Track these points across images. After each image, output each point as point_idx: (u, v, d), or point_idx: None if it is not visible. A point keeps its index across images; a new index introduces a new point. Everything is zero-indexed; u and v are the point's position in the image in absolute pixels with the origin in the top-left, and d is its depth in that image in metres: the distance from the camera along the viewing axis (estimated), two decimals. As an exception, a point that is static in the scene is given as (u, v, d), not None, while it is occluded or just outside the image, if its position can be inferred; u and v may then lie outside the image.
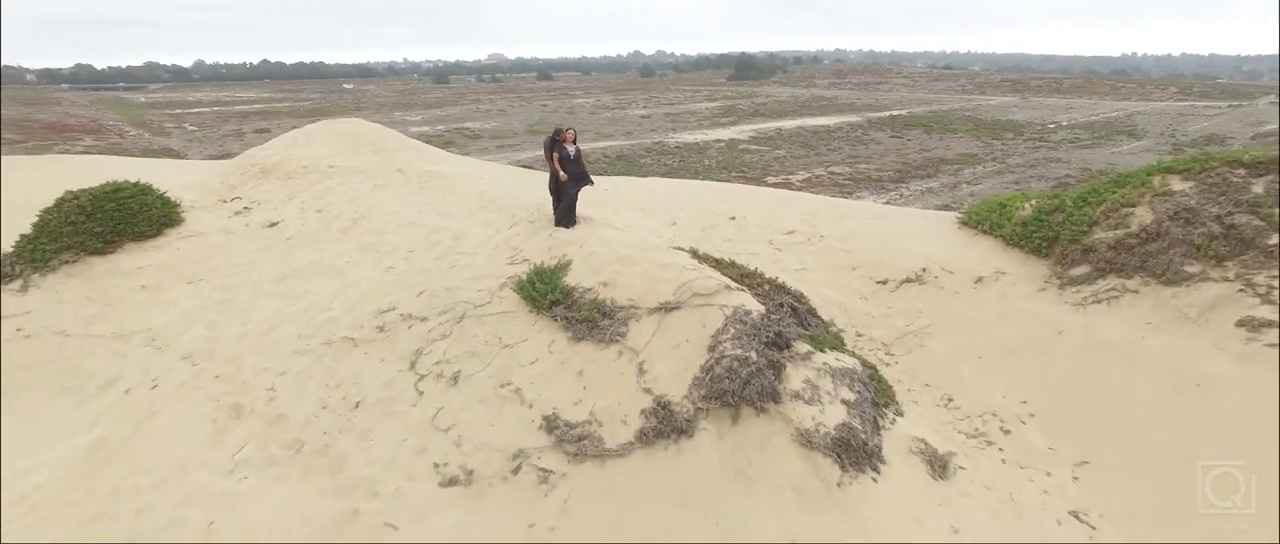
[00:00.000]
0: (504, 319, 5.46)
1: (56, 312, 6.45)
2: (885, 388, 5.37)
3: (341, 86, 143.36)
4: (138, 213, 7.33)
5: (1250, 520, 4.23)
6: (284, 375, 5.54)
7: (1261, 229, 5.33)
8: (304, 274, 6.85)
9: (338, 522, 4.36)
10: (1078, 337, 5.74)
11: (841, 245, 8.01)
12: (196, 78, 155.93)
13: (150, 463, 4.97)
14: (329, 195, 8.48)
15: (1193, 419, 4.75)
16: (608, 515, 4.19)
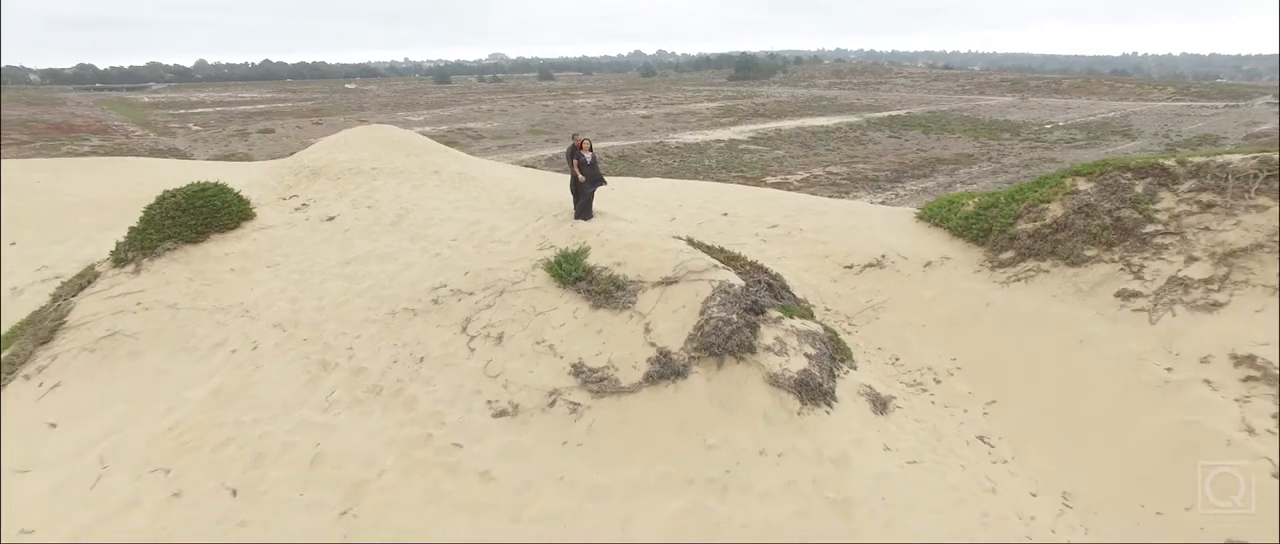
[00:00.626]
0: (536, 293, 6.86)
1: (165, 289, 7.84)
2: (842, 348, 6.76)
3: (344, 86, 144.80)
4: (221, 209, 8.72)
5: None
6: (359, 338, 6.94)
7: (1140, 220, 6.72)
8: (363, 260, 8.24)
9: (416, 442, 5.76)
10: (1000, 308, 7.13)
11: (817, 237, 9.40)
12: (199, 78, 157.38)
13: (261, 403, 6.37)
14: (376, 194, 9.88)
15: (1074, 366, 6.15)
16: (623, 435, 5.59)
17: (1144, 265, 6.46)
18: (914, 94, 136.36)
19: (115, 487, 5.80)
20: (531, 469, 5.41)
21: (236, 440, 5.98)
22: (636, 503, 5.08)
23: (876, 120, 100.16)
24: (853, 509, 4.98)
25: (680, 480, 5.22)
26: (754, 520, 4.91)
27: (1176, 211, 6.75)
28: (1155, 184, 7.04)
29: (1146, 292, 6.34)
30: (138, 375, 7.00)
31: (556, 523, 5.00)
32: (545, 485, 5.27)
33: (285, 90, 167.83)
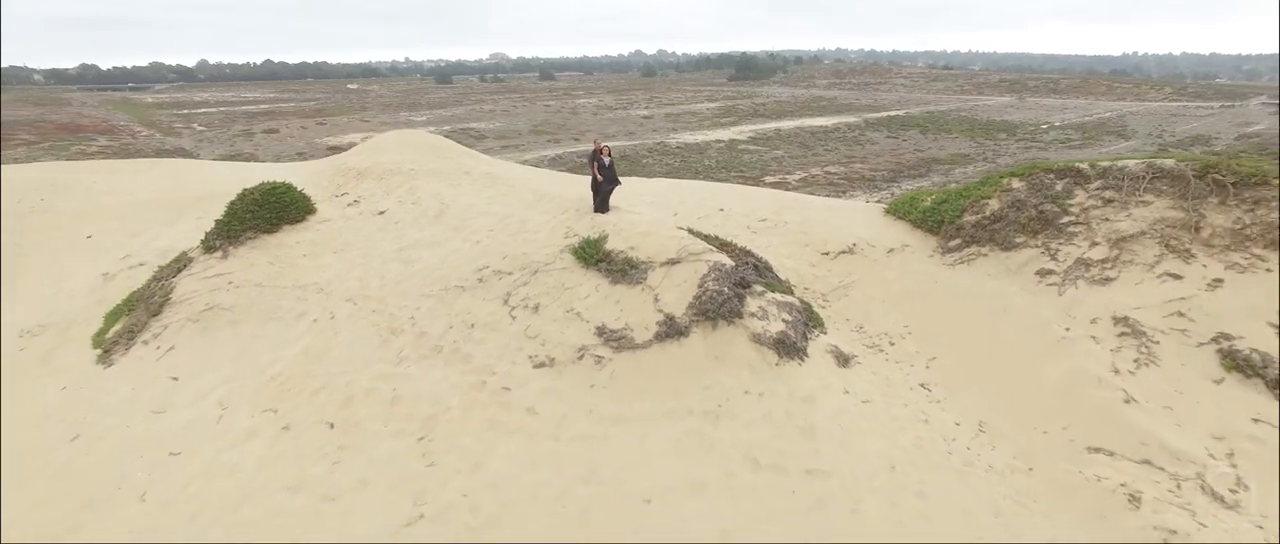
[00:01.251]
0: (564, 272, 8.43)
1: (250, 271, 9.40)
2: (815, 317, 8.33)
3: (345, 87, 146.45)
4: (289, 204, 10.28)
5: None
6: (418, 309, 8.51)
7: (1058, 213, 8.29)
8: (414, 247, 9.81)
9: (473, 387, 7.33)
10: (946, 285, 8.71)
11: (800, 229, 10.98)
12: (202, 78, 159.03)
13: (344, 360, 7.95)
14: (417, 192, 11.43)
15: (997, 330, 7.72)
16: (638, 379, 7.16)
17: (1058, 249, 8.02)
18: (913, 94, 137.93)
19: (235, 423, 7.38)
20: (566, 405, 6.99)
21: (328, 387, 7.56)
22: (649, 427, 6.66)
23: (875, 121, 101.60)
24: (816, 433, 6.55)
25: (682, 412, 6.79)
26: (739, 440, 6.49)
27: (1086, 205, 8.31)
28: (1072, 183, 8.60)
29: (1058, 270, 7.90)
30: (237, 340, 8.58)
31: (588, 442, 6.58)
32: (578, 416, 6.85)
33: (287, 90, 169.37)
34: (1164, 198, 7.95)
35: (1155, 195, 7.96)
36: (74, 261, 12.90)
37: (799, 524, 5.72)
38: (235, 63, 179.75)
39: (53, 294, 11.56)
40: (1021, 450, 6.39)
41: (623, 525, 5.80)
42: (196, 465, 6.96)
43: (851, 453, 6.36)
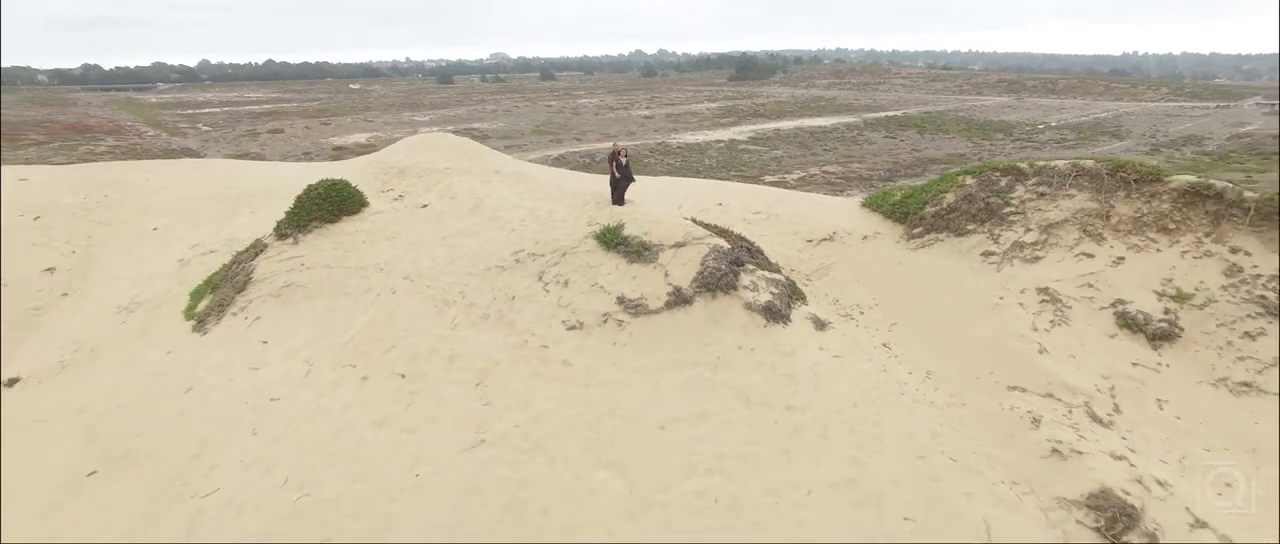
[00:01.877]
0: (589, 254, 10.15)
1: (318, 255, 11.11)
2: (798, 291, 10.04)
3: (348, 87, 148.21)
4: (347, 198, 11.98)
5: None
6: (466, 285, 10.22)
7: (1001, 205, 10.02)
8: (457, 235, 11.52)
9: (518, 345, 9.05)
10: (909, 266, 10.43)
11: (789, 220, 12.71)
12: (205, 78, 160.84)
13: (406, 328, 9.66)
14: (454, 188, 13.14)
15: (947, 300, 9.45)
16: (652, 338, 8.88)
17: (1000, 234, 9.73)
18: (912, 94, 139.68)
19: (321, 376, 9.10)
20: (594, 359, 8.71)
21: (396, 347, 9.28)
22: (661, 375, 8.38)
23: (873, 121, 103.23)
24: (795, 379, 8.27)
25: (688, 363, 8.52)
26: (734, 383, 8.20)
27: (1024, 199, 10.02)
28: (1014, 180, 10.31)
29: (998, 251, 9.62)
30: (313, 312, 10.30)
31: (612, 386, 8.30)
32: (604, 367, 8.57)
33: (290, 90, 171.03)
34: (1084, 192, 9.66)
35: (1078, 190, 9.67)
36: (147, 250, 14.62)
37: (780, 445, 7.44)
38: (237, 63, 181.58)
39: (135, 277, 13.29)
40: (957, 391, 8.12)
41: (642, 446, 7.53)
42: (294, 409, 8.69)
43: (823, 393, 8.08)
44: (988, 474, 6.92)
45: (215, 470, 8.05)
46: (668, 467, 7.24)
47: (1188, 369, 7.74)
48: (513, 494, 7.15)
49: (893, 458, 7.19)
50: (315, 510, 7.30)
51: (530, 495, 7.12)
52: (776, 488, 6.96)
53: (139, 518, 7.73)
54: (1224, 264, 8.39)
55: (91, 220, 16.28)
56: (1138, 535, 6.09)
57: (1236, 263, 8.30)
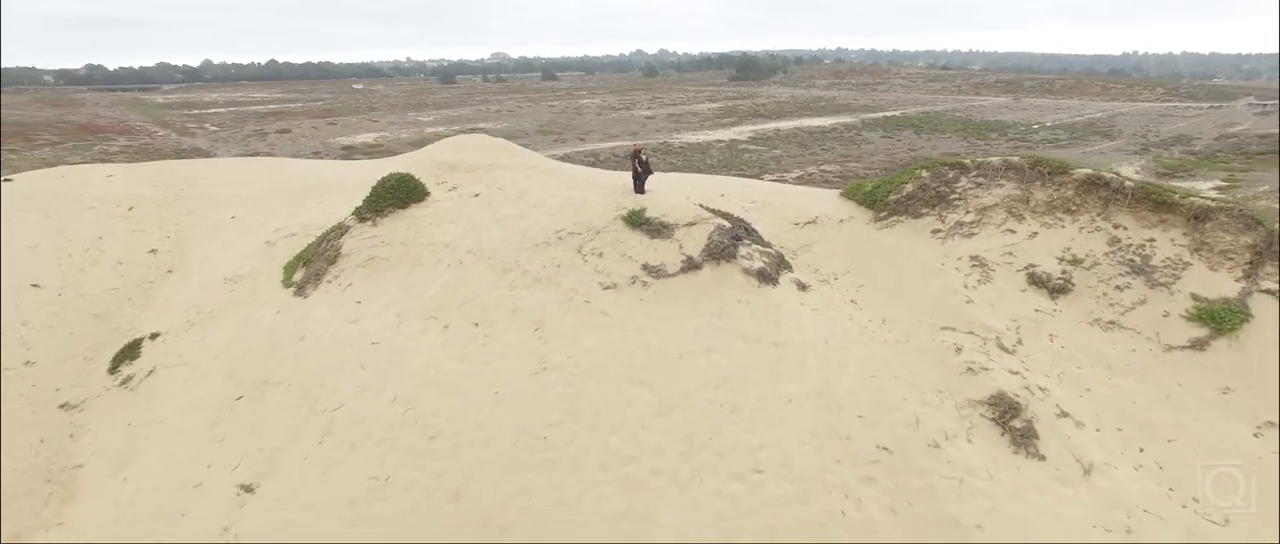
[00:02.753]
0: (618, 232, 12.78)
1: (395, 234, 13.73)
2: (785, 262, 12.67)
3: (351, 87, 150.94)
4: (413, 189, 14.60)
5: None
6: (519, 257, 12.85)
7: (948, 193, 12.68)
8: (507, 218, 14.13)
9: (566, 301, 11.68)
10: (875, 242, 13.08)
11: (780, 208, 15.35)
12: (208, 78, 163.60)
13: (475, 289, 12.29)
14: (499, 181, 15.75)
15: (903, 267, 12.10)
16: (670, 295, 11.52)
17: (946, 216, 12.36)
18: (911, 94, 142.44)
19: (410, 326, 11.73)
20: (626, 310, 11.34)
21: (468, 304, 11.92)
22: (678, 321, 11.01)
23: (872, 121, 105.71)
24: (781, 324, 10.89)
25: (698, 313, 11.15)
26: (733, 327, 10.83)
27: (966, 187, 12.64)
28: (958, 173, 12.94)
29: (944, 229, 12.25)
30: (396, 279, 12.94)
31: (641, 329, 10.92)
32: (634, 316, 11.21)
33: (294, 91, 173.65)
34: (1012, 182, 12.29)
35: (1007, 181, 12.30)
36: (230, 235, 17.26)
37: (769, 369, 10.07)
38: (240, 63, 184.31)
39: (229, 256, 15.93)
40: (904, 332, 10.76)
41: (665, 370, 10.16)
42: (391, 350, 11.32)
43: (802, 334, 10.72)
44: (920, 386, 9.56)
45: (337, 393, 10.69)
46: (684, 383, 9.88)
47: (1074, 313, 10.36)
48: (571, 404, 9.79)
49: (852, 377, 9.83)
50: (420, 418, 9.94)
51: (583, 405, 9.75)
52: (765, 397, 9.60)
53: (286, 427, 10.36)
54: (1108, 236, 10.99)
55: (176, 211, 18.91)
56: (1019, 422, 8.73)
57: (1117, 235, 10.90)
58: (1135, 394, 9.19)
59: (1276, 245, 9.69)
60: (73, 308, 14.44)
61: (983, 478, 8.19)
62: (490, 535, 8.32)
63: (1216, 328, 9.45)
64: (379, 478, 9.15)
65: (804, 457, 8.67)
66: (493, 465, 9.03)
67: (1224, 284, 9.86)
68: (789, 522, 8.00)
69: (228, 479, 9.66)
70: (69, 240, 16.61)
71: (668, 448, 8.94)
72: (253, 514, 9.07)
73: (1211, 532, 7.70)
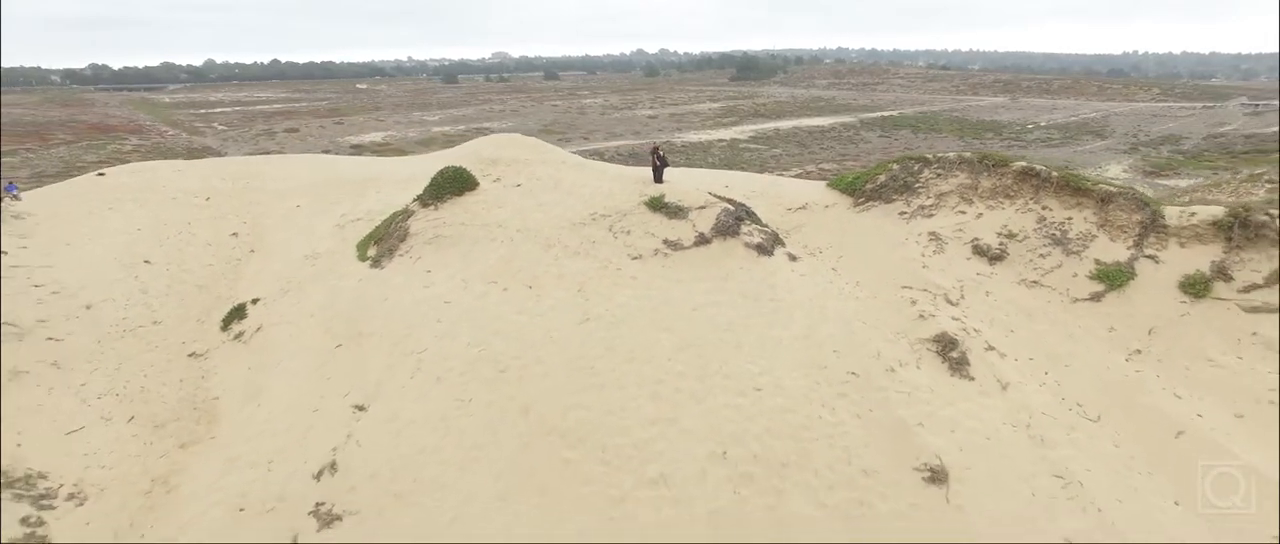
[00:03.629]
0: (641, 214, 15.67)
1: (453, 216, 16.60)
2: (779, 239, 15.57)
3: (355, 86, 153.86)
4: (466, 180, 17.46)
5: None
6: (561, 234, 15.73)
7: (913, 182, 15.57)
8: (547, 204, 16.99)
9: (601, 268, 14.58)
10: (854, 223, 15.99)
11: (776, 197, 18.24)
12: (213, 78, 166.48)
13: (526, 260, 15.18)
14: (536, 173, 18.61)
15: (874, 242, 14.99)
16: (686, 263, 14.42)
17: (911, 201, 15.24)
18: (909, 94, 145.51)
19: (475, 289, 14.62)
20: (650, 275, 14.23)
21: (522, 271, 14.80)
22: (693, 284, 13.90)
23: (870, 120, 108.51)
24: (775, 286, 13.79)
25: (708, 277, 14.03)
26: (735, 287, 13.72)
27: (928, 178, 15.52)
28: (922, 166, 15.82)
29: (909, 211, 15.13)
30: (458, 253, 15.81)
31: (663, 289, 13.81)
32: (656, 279, 14.09)
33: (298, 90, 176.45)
34: (964, 173, 15.17)
35: (960, 172, 15.18)
36: (300, 221, 20.12)
37: (765, 319, 12.94)
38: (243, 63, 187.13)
39: (304, 238, 18.79)
40: (872, 291, 13.66)
41: (683, 319, 13.03)
42: (462, 307, 14.19)
43: (792, 294, 13.60)
44: (882, 330, 12.45)
45: (420, 340, 13.56)
46: (698, 328, 12.76)
47: (1006, 275, 13.24)
48: (609, 345, 12.67)
49: (830, 325, 12.72)
50: (491, 356, 12.81)
51: (619, 345, 12.63)
52: (762, 339, 12.48)
53: (382, 366, 13.22)
54: (1037, 216, 13.84)
55: (245, 201, 21.78)
56: (956, 353, 11.61)
57: (1043, 215, 13.75)
58: (1046, 334, 12.08)
59: (1161, 221, 12.56)
60: (179, 280, 17.32)
61: (925, 392, 11.08)
62: (554, 439, 11.19)
63: (1110, 284, 12.32)
64: (463, 400, 12.02)
65: (792, 380, 11.55)
66: (552, 389, 11.92)
67: (1119, 251, 12.73)
68: (781, 424, 10.87)
69: (342, 403, 12.54)
70: (164, 225, 19.49)
71: (687, 373, 11.83)
72: (366, 426, 11.94)
73: (1089, 428, 10.59)
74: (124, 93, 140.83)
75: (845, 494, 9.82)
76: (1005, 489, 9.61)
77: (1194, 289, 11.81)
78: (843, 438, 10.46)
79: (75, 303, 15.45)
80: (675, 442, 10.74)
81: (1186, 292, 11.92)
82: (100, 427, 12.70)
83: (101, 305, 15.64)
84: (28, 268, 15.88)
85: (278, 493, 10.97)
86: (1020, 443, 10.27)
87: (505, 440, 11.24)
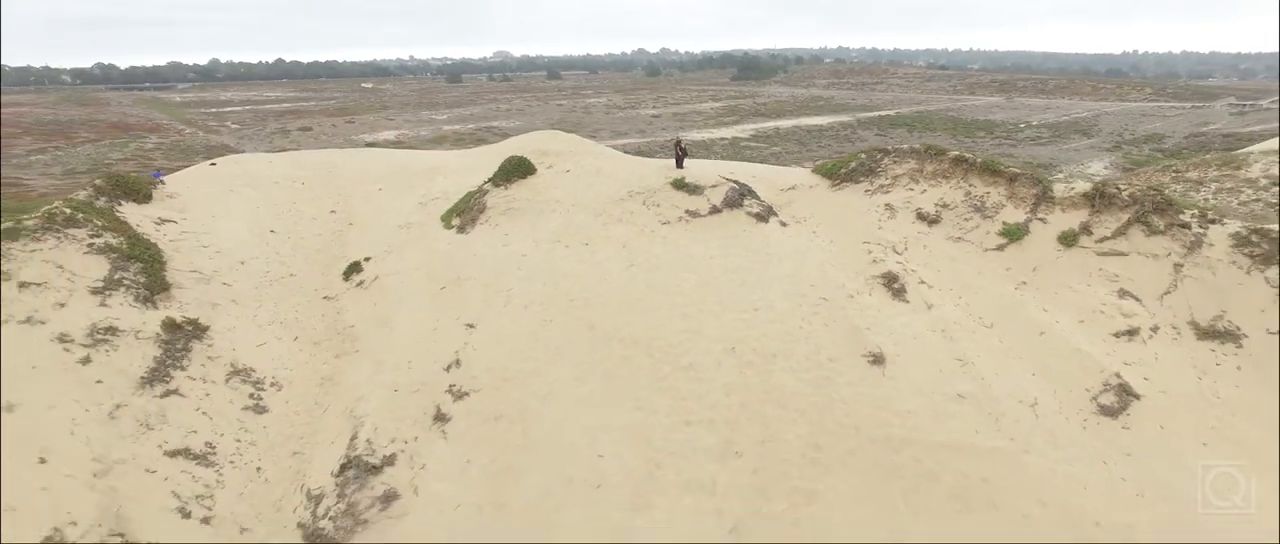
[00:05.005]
0: (667, 191, 20.81)
1: (521, 194, 21.67)
2: (774, 211, 20.71)
3: (360, 85, 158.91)
4: (528, 167, 22.54)
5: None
6: (606, 207, 20.84)
7: (876, 167, 20.72)
8: (593, 184, 22.07)
9: (639, 231, 19.74)
10: (831, 199, 21.16)
11: (771, 180, 23.42)
12: (221, 77, 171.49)
13: (580, 226, 20.30)
14: (580, 163, 23.69)
15: (845, 213, 20.16)
16: (703, 229, 19.58)
17: (874, 181, 20.38)
18: (907, 94, 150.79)
19: (543, 247, 19.76)
20: (676, 236, 19.37)
21: (578, 234, 19.94)
22: (708, 243, 19.04)
23: (867, 120, 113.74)
24: (769, 242, 18.93)
25: (718, 238, 19.18)
26: (741, 245, 18.85)
27: (887, 164, 20.64)
28: (883, 155, 20.95)
29: (872, 189, 20.25)
30: (527, 221, 20.94)
31: (687, 246, 18.95)
32: (681, 239, 19.24)
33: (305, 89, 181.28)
34: (914, 160, 20.29)
35: (911, 160, 20.30)
36: (384, 201, 25.21)
37: (762, 265, 18.07)
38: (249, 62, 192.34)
39: (394, 212, 23.88)
40: (841, 246, 18.80)
41: (701, 265, 18.16)
42: (535, 261, 19.31)
43: (781, 248, 18.72)
44: (846, 271, 17.59)
45: (507, 282, 18.67)
46: (713, 272, 17.87)
47: (939, 234, 18.35)
48: (648, 284, 17.79)
49: (809, 268, 17.84)
50: (561, 292, 17.93)
51: (656, 284, 17.75)
52: (760, 278, 17.61)
53: (480, 300, 18.31)
54: (965, 191, 18.93)
55: (332, 186, 26.87)
56: (897, 285, 16.73)
57: (969, 190, 18.85)
58: (963, 273, 17.19)
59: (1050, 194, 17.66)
60: (299, 245, 22.40)
61: (873, 310, 16.20)
62: (614, 344, 16.28)
63: (1011, 239, 17.42)
64: (545, 321, 17.13)
65: (780, 304, 16.67)
66: (609, 313, 17.03)
67: (1020, 216, 17.84)
68: (772, 331, 15.97)
69: (455, 324, 17.62)
70: (275, 203, 24.58)
71: (706, 301, 16.93)
72: (477, 338, 17.01)
73: (984, 332, 15.69)
74: (134, 92, 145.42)
75: (815, 373, 14.93)
76: (921, 367, 14.73)
77: (1066, 241, 16.94)
78: (814, 338, 15.58)
79: (232, 259, 20.53)
80: (699, 343, 15.86)
81: (1061, 243, 17.05)
82: (276, 343, 17.81)
83: (251, 261, 20.72)
84: (194, 234, 20.96)
85: (420, 380, 16.07)
86: (936, 341, 15.40)
87: (578, 346, 16.36)
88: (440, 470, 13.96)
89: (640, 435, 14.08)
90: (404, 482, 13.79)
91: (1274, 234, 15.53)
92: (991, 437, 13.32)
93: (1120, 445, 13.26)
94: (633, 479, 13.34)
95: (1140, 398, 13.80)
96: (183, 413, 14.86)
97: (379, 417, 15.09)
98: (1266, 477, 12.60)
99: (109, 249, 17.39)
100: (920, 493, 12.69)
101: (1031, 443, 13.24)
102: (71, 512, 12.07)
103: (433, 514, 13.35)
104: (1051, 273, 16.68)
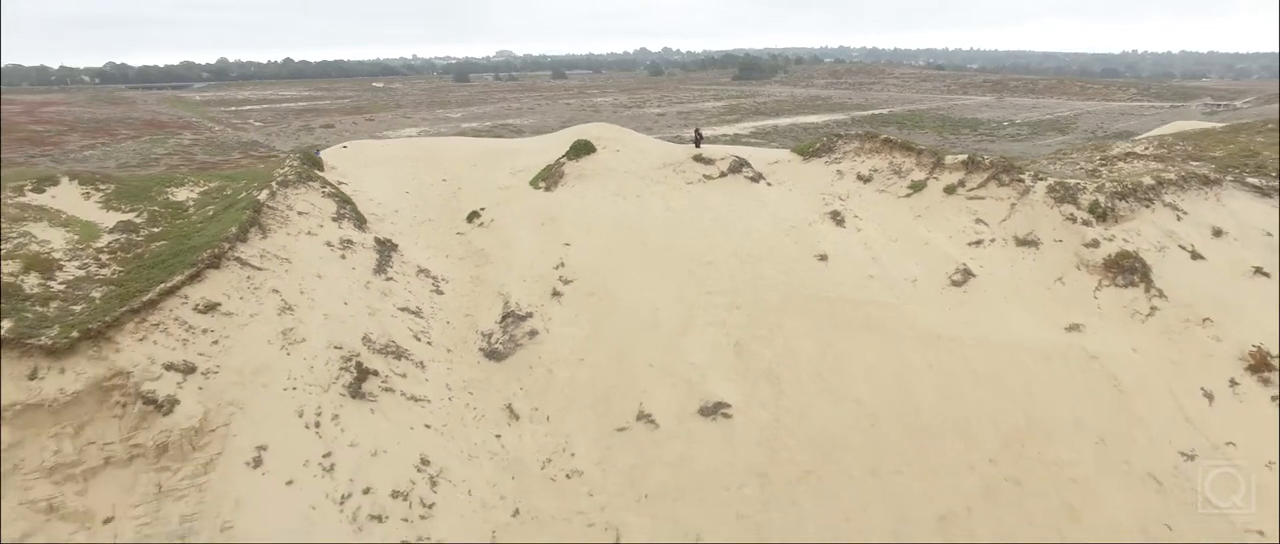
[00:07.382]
0: (689, 162, 31.55)
1: (588, 165, 32.25)
2: (763, 176, 31.40)
3: (372, 84, 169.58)
4: (591, 147, 33.10)
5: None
6: (648, 174, 31.54)
7: (834, 147, 31.44)
8: (638, 158, 32.66)
9: (672, 189, 30.50)
10: (803, 169, 31.93)
11: (763, 157, 34.20)
12: (234, 77, 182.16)
13: (633, 186, 30.99)
14: (626, 145, 34.21)
15: (810, 178, 30.93)
16: (712, 189, 30.35)
17: (833, 156, 31.06)
18: (902, 94, 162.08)
19: (607, 199, 30.51)
20: (698, 191, 30.14)
21: (630, 191, 30.69)
22: (718, 195, 29.77)
23: (861, 118, 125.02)
24: (762, 197, 29.67)
25: (724, 192, 29.93)
26: (740, 197, 29.60)
27: (841, 145, 31.28)
28: (839, 139, 31.56)
29: (830, 161, 30.92)
30: (595, 183, 31.67)
31: (702, 197, 29.69)
32: (700, 193, 30.01)
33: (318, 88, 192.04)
34: (859, 141, 30.94)
35: (857, 141, 30.93)
36: (481, 172, 35.85)
37: (754, 210, 28.78)
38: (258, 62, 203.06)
39: (493, 179, 34.50)
40: (806, 200, 29.52)
41: (714, 209, 28.89)
42: (602, 209, 30.03)
43: (767, 197, 29.45)
44: (807, 212, 28.36)
45: (587, 221, 29.37)
46: (722, 212, 28.61)
47: (871, 189, 28.97)
48: (678, 220, 28.58)
49: (785, 211, 28.58)
50: (622, 225, 28.70)
51: (685, 221, 28.54)
52: (754, 214, 28.37)
53: (570, 231, 28.95)
54: (889, 161, 29.49)
55: (436, 164, 37.52)
56: (840, 219, 27.44)
57: (893, 160, 29.42)
58: (882, 211, 27.87)
59: (942, 161, 28.31)
60: (428, 201, 33.01)
61: (823, 232, 26.95)
62: (660, 253, 26.93)
63: (915, 190, 28.08)
64: (615, 242, 27.81)
65: (765, 229, 27.36)
66: (656, 235, 27.72)
67: (921, 175, 28.50)
68: (759, 244, 26.64)
69: (556, 243, 28.21)
70: (400, 175, 35.21)
71: (717, 227, 27.63)
72: (572, 252, 27.58)
73: (892, 245, 26.40)
74: (154, 91, 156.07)
75: (785, 265, 25.61)
76: (850, 262, 25.41)
77: (949, 190, 27.61)
78: (785, 248, 26.26)
79: (389, 208, 31.12)
80: (714, 252, 26.53)
81: (946, 192, 27.74)
82: (439, 259, 28.44)
83: (402, 210, 31.33)
84: (360, 192, 31.55)
85: (539, 274, 26.70)
86: (860, 248, 26.08)
87: (636, 255, 27.03)
88: (561, 320, 24.58)
89: (680, 299, 24.71)
90: (540, 326, 24.39)
91: (1072, 185, 26.19)
92: (886, 296, 23.98)
93: (960, 301, 23.91)
94: (676, 320, 23.98)
95: (976, 276, 24.44)
96: (398, 290, 25.44)
97: (519, 293, 25.71)
98: (1038, 315, 23.22)
99: (333, 194, 28.00)
100: (843, 324, 23.34)
101: (910, 299, 23.90)
102: (367, 331, 22.63)
103: (558, 343, 23.95)
104: (937, 210, 27.37)
